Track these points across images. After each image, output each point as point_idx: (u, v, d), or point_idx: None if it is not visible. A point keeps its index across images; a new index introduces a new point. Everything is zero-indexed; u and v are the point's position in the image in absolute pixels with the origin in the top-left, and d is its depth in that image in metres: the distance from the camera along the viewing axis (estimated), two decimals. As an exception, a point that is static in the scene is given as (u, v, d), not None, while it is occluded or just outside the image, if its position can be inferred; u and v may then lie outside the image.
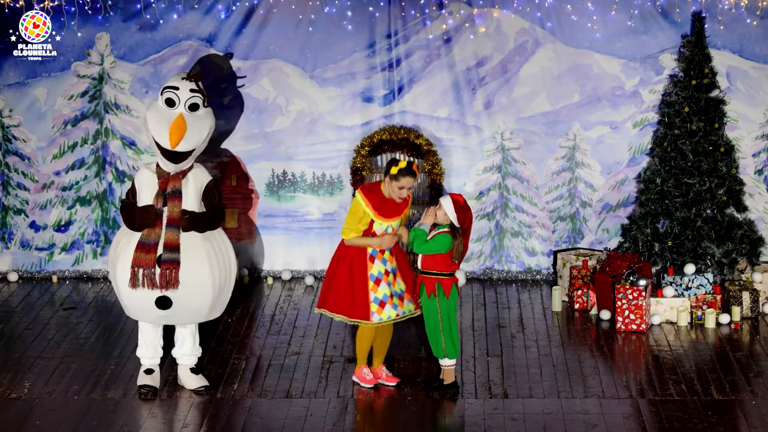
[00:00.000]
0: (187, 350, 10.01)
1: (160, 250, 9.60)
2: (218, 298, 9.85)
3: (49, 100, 12.52)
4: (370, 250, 9.74)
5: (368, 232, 9.70)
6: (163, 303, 9.65)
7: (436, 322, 9.75)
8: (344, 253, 9.79)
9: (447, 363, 9.86)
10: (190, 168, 9.80)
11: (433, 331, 9.77)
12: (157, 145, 9.68)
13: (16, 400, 9.73)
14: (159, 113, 9.71)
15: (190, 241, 9.67)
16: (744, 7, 12.09)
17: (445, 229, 9.66)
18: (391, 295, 9.76)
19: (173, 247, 9.61)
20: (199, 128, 9.74)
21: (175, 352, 10.08)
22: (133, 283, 9.62)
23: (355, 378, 10.04)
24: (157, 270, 9.59)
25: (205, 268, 9.68)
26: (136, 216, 9.66)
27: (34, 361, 10.56)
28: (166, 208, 9.64)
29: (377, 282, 9.74)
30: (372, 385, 9.95)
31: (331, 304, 9.81)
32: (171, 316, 9.75)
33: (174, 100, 9.70)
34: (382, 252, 9.76)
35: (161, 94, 9.73)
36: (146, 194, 9.69)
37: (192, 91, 9.74)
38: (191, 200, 9.72)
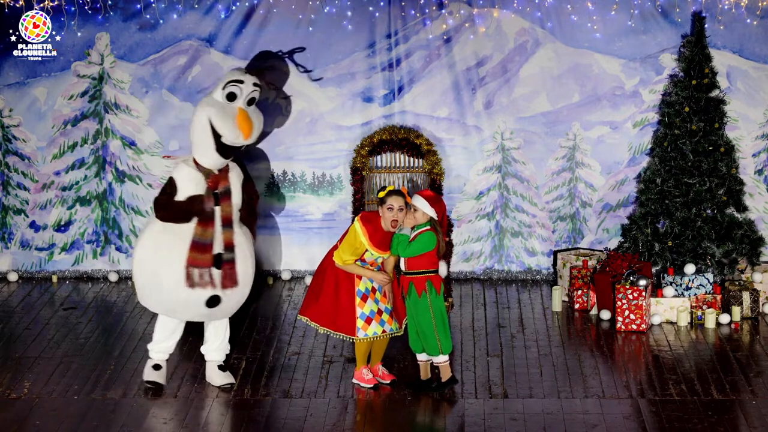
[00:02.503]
0: (216, 346, 10.03)
1: (214, 250, 9.64)
2: (248, 290, 10.02)
3: (49, 100, 12.52)
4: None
5: (358, 258, 9.76)
6: (213, 301, 9.72)
7: (429, 319, 9.75)
8: (331, 267, 9.82)
9: (442, 359, 9.86)
10: (227, 164, 9.81)
11: (427, 328, 9.77)
12: (216, 138, 9.59)
13: (16, 400, 9.73)
14: (221, 107, 9.61)
15: (238, 238, 9.75)
16: (744, 7, 12.09)
17: (426, 227, 9.67)
18: (379, 312, 9.79)
19: (231, 246, 9.69)
20: (260, 121, 9.77)
21: (203, 349, 10.09)
22: (191, 283, 9.62)
23: (355, 380, 10.04)
24: (215, 270, 9.64)
25: (250, 264, 9.84)
26: (183, 206, 9.58)
27: (34, 361, 10.56)
28: (218, 208, 9.65)
29: (364, 298, 9.77)
30: (372, 385, 9.96)
31: (314, 314, 9.86)
32: (213, 313, 9.84)
33: (236, 94, 9.62)
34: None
35: (223, 89, 9.60)
36: (189, 190, 9.62)
37: (255, 84, 9.68)
38: (238, 196, 9.79)
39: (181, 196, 9.62)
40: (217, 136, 9.56)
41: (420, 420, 9.44)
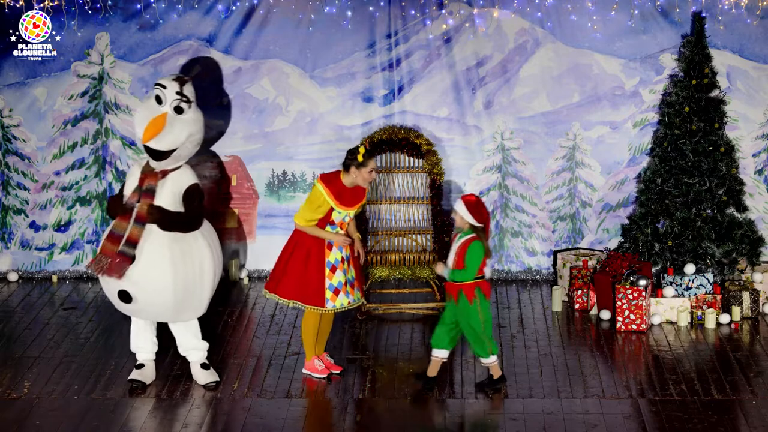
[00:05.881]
0: (187, 346, 10.05)
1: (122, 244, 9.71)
2: (183, 300, 9.78)
3: (49, 100, 12.52)
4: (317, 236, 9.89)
5: (326, 220, 9.85)
6: (125, 297, 9.72)
7: (479, 324, 9.74)
8: (302, 240, 9.89)
9: (492, 360, 9.87)
10: (176, 169, 9.80)
11: (477, 332, 9.77)
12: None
13: (16, 400, 9.73)
14: (147, 107, 9.79)
15: (156, 240, 9.67)
16: (744, 7, 12.09)
17: (470, 236, 9.65)
18: (345, 283, 9.91)
19: (132, 243, 9.66)
20: (178, 131, 9.70)
21: (180, 351, 10.13)
22: (94, 267, 9.74)
23: (306, 371, 10.10)
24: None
25: (166, 269, 9.65)
26: (108, 204, 9.90)
27: (34, 361, 10.56)
28: (137, 204, 9.71)
29: (333, 269, 9.87)
30: (325, 375, 10.03)
31: (284, 290, 9.90)
32: (137, 311, 9.85)
33: (161, 98, 9.73)
34: None
35: (153, 89, 9.78)
36: (129, 188, 9.81)
37: (177, 93, 9.73)
38: (165, 200, 9.72)
39: (125, 192, 9.83)
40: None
41: (420, 420, 9.44)
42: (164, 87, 9.71)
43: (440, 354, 9.95)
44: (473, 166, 12.58)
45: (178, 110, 9.74)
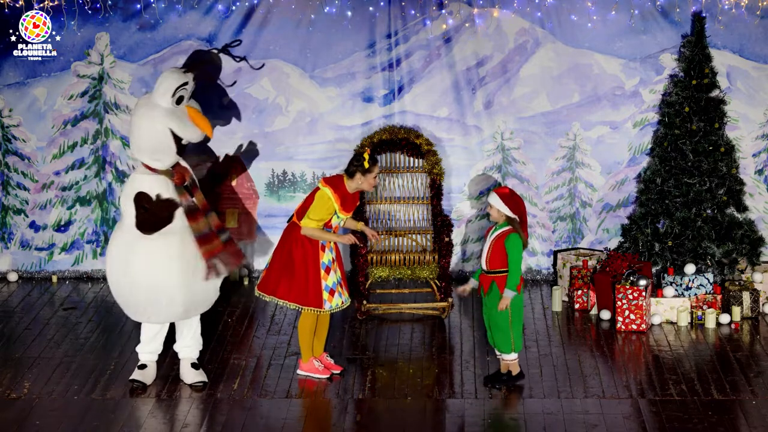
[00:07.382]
0: (188, 342, 10.06)
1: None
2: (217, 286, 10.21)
3: (49, 100, 12.52)
4: (321, 240, 9.90)
5: (325, 225, 9.89)
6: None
7: (507, 317, 9.76)
8: (297, 241, 9.92)
9: (512, 357, 9.88)
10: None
11: (503, 326, 9.78)
12: (177, 142, 9.73)
13: (16, 400, 9.74)
14: (173, 113, 9.73)
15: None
16: (744, 7, 12.09)
17: (506, 228, 9.69)
18: (338, 283, 9.99)
19: (222, 228, 9.89)
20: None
21: (176, 346, 10.12)
22: (216, 273, 9.80)
23: (304, 372, 10.12)
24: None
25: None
26: (158, 212, 9.71)
27: (34, 361, 10.56)
28: (194, 199, 9.78)
29: (327, 270, 9.93)
30: (327, 376, 10.04)
31: (284, 291, 9.93)
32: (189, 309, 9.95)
33: (184, 97, 9.81)
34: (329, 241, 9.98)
35: (173, 96, 9.68)
36: (170, 193, 9.75)
37: (193, 80, 9.87)
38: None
39: (167, 196, 9.77)
40: (178, 139, 9.73)
41: (420, 420, 9.44)
42: (186, 84, 9.79)
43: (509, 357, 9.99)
44: (473, 166, 12.57)
45: (180, 100, 9.84)
